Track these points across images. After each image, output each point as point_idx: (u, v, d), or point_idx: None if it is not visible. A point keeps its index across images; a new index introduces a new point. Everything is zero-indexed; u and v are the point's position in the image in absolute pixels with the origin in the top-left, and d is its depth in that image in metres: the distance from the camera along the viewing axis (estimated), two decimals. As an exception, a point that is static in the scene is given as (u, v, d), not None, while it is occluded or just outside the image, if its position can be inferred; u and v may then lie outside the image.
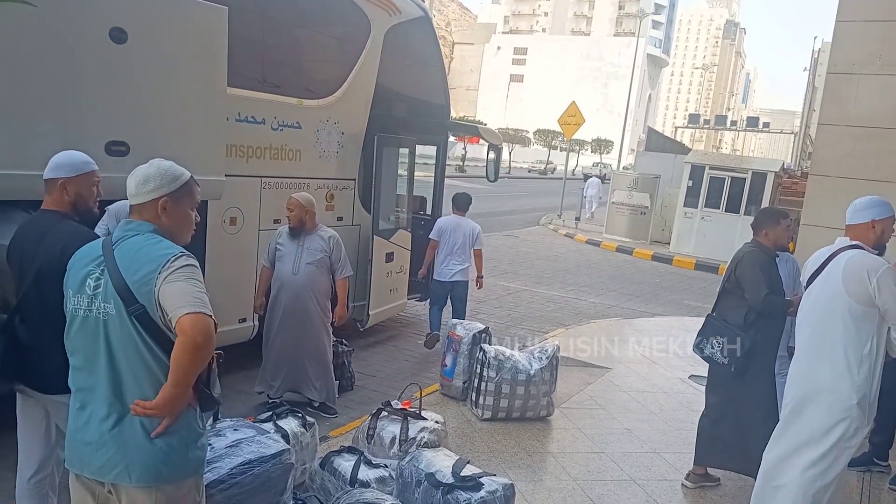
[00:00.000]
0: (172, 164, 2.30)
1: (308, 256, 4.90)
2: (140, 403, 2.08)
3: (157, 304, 2.07)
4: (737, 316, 4.16)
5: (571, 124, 19.89)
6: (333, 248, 4.99)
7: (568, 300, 10.59)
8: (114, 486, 2.16)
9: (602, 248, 17.23)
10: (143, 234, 2.19)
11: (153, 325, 2.09)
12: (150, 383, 2.11)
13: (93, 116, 4.07)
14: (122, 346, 2.11)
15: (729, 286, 4.26)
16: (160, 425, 2.11)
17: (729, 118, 45.48)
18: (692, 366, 6.97)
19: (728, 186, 15.84)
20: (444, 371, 5.68)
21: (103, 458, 2.13)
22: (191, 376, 2.09)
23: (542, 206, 25.51)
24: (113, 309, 2.10)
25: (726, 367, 4.15)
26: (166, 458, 2.13)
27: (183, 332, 2.00)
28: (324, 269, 4.97)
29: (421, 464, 3.32)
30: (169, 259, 2.10)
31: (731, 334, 4.14)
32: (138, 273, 2.10)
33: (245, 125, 5.42)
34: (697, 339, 4.34)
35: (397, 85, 7.20)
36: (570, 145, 25.37)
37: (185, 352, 2.01)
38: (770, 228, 4.25)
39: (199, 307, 2.03)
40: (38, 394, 2.77)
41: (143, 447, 2.11)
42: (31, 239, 2.73)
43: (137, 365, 2.11)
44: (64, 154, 2.87)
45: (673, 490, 4.40)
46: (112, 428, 2.12)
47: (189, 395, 2.14)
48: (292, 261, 4.89)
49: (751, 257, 4.17)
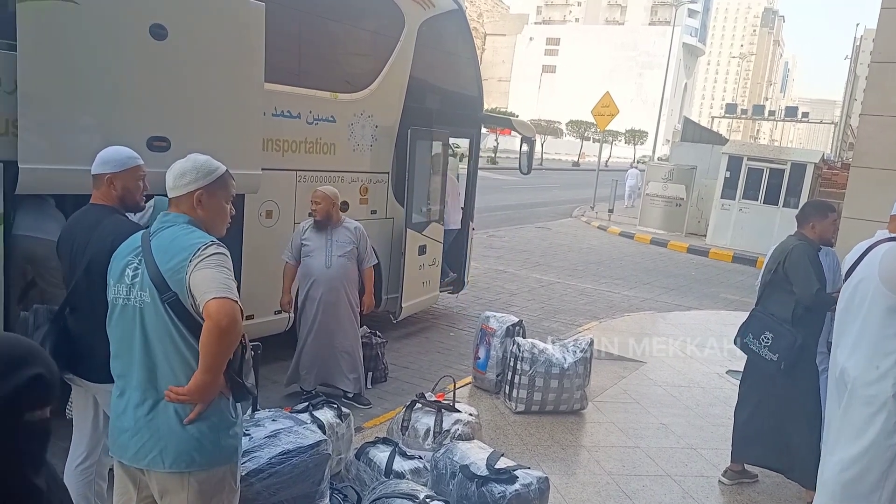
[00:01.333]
0: (208, 158, 2.35)
1: (338, 249, 4.94)
2: (173, 389, 2.13)
3: (188, 291, 2.12)
4: (784, 311, 4.07)
5: (605, 115, 19.68)
6: (360, 239, 5.04)
7: (601, 293, 10.51)
8: (148, 471, 2.21)
9: (636, 240, 17.05)
10: (179, 225, 2.25)
11: (185, 313, 2.14)
12: (183, 370, 2.16)
13: (135, 112, 4.16)
14: (156, 333, 2.17)
15: (776, 280, 4.15)
16: (192, 412, 2.15)
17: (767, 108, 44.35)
18: (730, 361, 6.88)
19: (766, 178, 15.54)
20: (477, 364, 5.70)
21: (138, 444, 2.18)
22: (219, 362, 2.12)
23: (575, 198, 25.33)
24: (148, 297, 2.16)
25: (774, 363, 4.04)
26: (198, 444, 2.17)
27: (209, 316, 2.05)
28: (353, 260, 5.02)
29: (455, 456, 3.34)
30: (199, 247, 2.15)
31: (780, 330, 4.04)
32: (171, 262, 2.15)
33: (281, 119, 5.48)
34: (741, 334, 4.25)
35: (430, 78, 7.20)
36: (603, 136, 25.11)
37: (210, 336, 2.06)
38: (817, 221, 4.15)
39: (224, 292, 2.07)
40: (86, 383, 2.86)
41: (176, 433, 2.16)
42: (81, 232, 2.81)
43: (171, 352, 2.17)
44: (110, 149, 2.95)
45: (710, 486, 4.36)
46: (147, 414, 2.18)
47: (221, 383, 2.18)
48: (323, 254, 4.93)
49: (800, 251, 4.06)
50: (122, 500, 2.33)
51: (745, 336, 4.23)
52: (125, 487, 2.32)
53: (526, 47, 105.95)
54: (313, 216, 4.96)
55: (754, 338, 4.17)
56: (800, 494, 4.24)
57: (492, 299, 9.27)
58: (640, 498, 4.11)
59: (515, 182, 29.67)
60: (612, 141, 61.69)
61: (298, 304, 5.08)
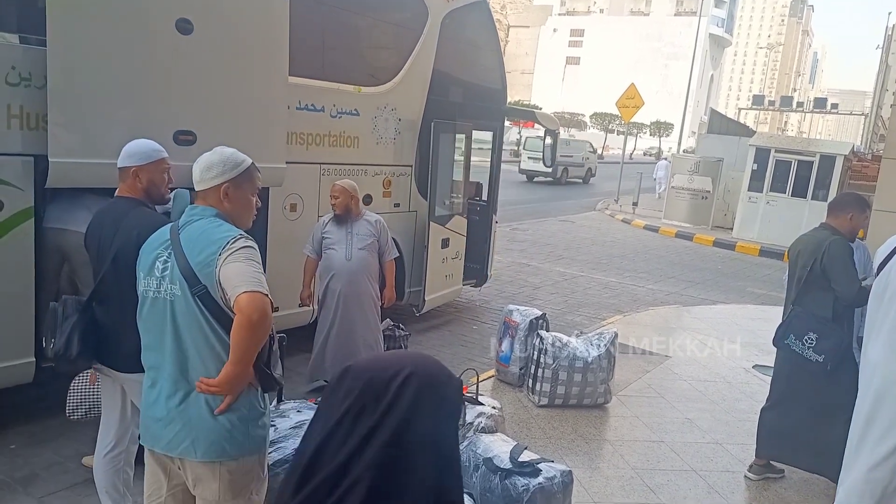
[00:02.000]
0: (234, 151, 2.37)
1: (359, 242, 4.93)
2: (204, 381, 2.16)
3: (217, 284, 2.14)
4: (824, 309, 3.95)
5: (630, 107, 19.47)
6: (381, 232, 5.04)
7: (625, 286, 10.43)
8: (181, 461, 2.25)
9: (660, 233, 16.89)
10: (207, 219, 2.27)
11: (215, 305, 2.17)
12: (214, 362, 2.19)
13: (161, 106, 4.21)
14: (187, 325, 2.19)
15: (812, 277, 3.99)
16: (223, 403, 2.19)
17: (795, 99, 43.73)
18: (756, 355, 6.79)
19: (795, 170, 15.28)
20: (500, 357, 5.69)
21: (171, 434, 2.22)
22: (250, 354, 2.15)
23: (599, 192, 25.15)
24: (179, 290, 2.19)
25: (820, 365, 3.91)
26: (229, 434, 2.21)
27: (240, 309, 2.07)
28: (374, 253, 5.02)
29: (479, 448, 3.34)
30: (228, 241, 2.17)
31: (824, 330, 3.91)
32: (201, 255, 2.17)
33: (305, 113, 5.50)
34: (782, 335, 4.11)
35: (454, 71, 7.18)
36: (627, 128, 24.88)
37: (241, 329, 2.08)
38: (857, 214, 4.06)
39: (255, 286, 2.10)
40: (114, 372, 2.90)
41: (207, 423, 2.19)
42: (108, 225, 2.85)
43: (201, 344, 2.19)
44: (135, 143, 2.99)
45: (736, 482, 4.32)
46: (179, 404, 2.21)
47: (250, 375, 2.21)
48: (344, 248, 4.93)
49: (838, 247, 3.92)
50: (153, 488, 2.37)
51: (787, 337, 4.08)
52: (156, 476, 2.36)
53: (550, 39, 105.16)
54: (333, 210, 4.98)
55: (796, 339, 4.01)
56: (828, 491, 4.18)
57: (515, 293, 9.25)
58: (664, 492, 4.08)
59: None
60: (637, 133, 61.15)
61: (319, 297, 5.10)
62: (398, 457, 1.04)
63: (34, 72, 3.71)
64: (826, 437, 3.89)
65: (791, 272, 4.25)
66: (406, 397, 1.06)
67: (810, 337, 3.96)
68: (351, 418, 1.06)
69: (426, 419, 1.07)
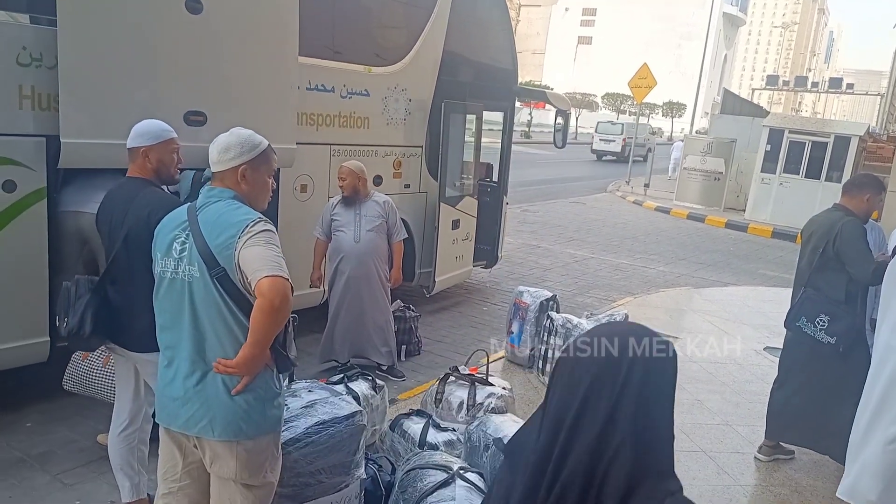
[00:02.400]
0: (252, 132, 2.37)
1: (367, 224, 4.94)
2: (221, 362, 2.18)
3: (237, 266, 2.15)
4: (836, 291, 3.92)
5: (642, 87, 19.25)
6: (389, 213, 5.04)
7: (636, 268, 10.40)
8: (198, 439, 2.28)
9: (672, 215, 16.79)
10: (225, 201, 2.27)
11: (233, 288, 2.18)
12: (231, 343, 2.21)
13: (171, 87, 4.20)
14: (204, 307, 2.21)
15: (825, 259, 3.96)
16: (240, 383, 2.21)
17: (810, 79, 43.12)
18: (767, 337, 6.77)
19: (808, 151, 15.11)
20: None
21: (188, 413, 2.24)
22: (269, 337, 2.17)
23: (610, 173, 25.00)
24: (197, 272, 2.20)
25: (832, 347, 3.89)
26: (246, 414, 2.23)
27: (261, 294, 2.08)
28: (382, 235, 5.03)
29: (489, 429, 3.35)
30: (248, 224, 2.18)
31: (836, 312, 3.89)
32: (220, 237, 2.18)
33: (315, 93, 5.48)
34: (793, 317, 4.08)
35: (464, 51, 7.12)
36: (640, 109, 24.65)
37: (263, 313, 2.09)
38: (874, 195, 4.01)
39: (277, 270, 2.11)
40: (127, 352, 2.93)
41: (224, 403, 2.22)
42: (119, 205, 2.86)
43: (219, 325, 2.21)
44: (144, 123, 2.99)
45: (746, 463, 4.32)
46: (196, 384, 2.23)
47: (267, 356, 2.23)
48: (353, 230, 4.93)
49: (852, 229, 3.88)
50: (169, 465, 2.41)
51: (798, 319, 4.04)
52: (171, 454, 2.39)
53: (561, 18, 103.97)
54: (341, 192, 4.98)
55: (808, 321, 3.98)
56: (838, 473, 4.17)
57: (525, 274, 9.24)
58: (674, 473, 4.08)
59: (550, 156, 29.38)
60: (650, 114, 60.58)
61: (329, 279, 5.12)
62: (645, 415, 1.20)
63: (45, 52, 3.71)
64: (836, 418, 3.87)
65: (802, 253, 4.21)
66: (638, 366, 1.23)
67: (822, 319, 3.93)
68: (595, 395, 1.22)
69: (655, 379, 1.25)
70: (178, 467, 2.38)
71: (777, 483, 4.13)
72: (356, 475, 2.96)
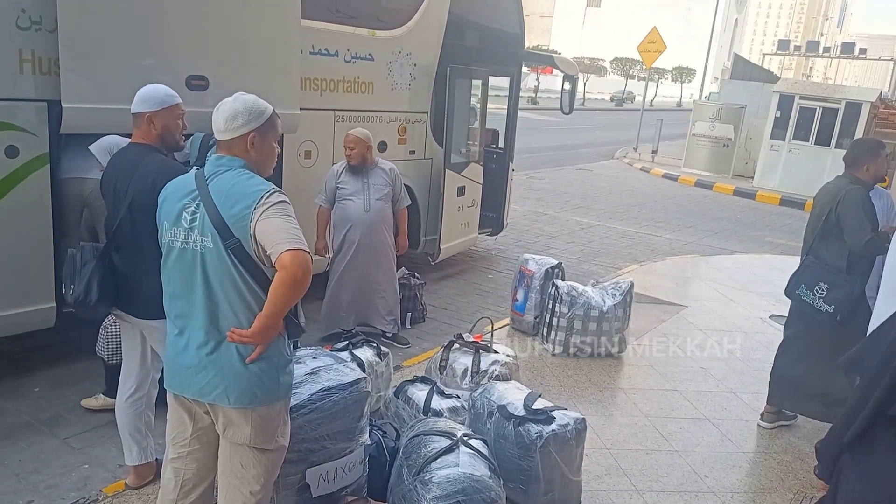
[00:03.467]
0: (256, 98, 2.33)
1: (376, 192, 4.92)
2: (236, 331, 2.19)
3: (252, 238, 2.14)
4: (838, 259, 3.90)
5: (652, 51, 19.02)
6: (395, 180, 5.03)
7: (642, 236, 10.36)
8: (212, 406, 2.29)
9: (680, 182, 16.67)
10: (235, 170, 2.25)
11: (248, 258, 2.17)
12: (244, 312, 2.21)
13: (173, 50, 4.14)
14: (218, 277, 2.20)
15: (827, 226, 3.95)
16: (254, 352, 2.22)
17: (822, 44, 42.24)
18: (773, 305, 6.76)
19: (819, 117, 14.92)
20: (515, 306, 5.70)
21: (203, 381, 2.25)
22: (286, 308, 2.18)
23: (618, 140, 24.78)
24: (210, 242, 2.18)
25: (830, 315, 3.87)
26: (260, 381, 2.25)
27: (283, 267, 2.07)
28: (389, 202, 5.03)
29: (493, 396, 3.37)
30: (263, 195, 2.16)
31: (835, 280, 3.87)
32: (234, 208, 2.16)
33: (319, 58, 5.41)
34: (793, 285, 4.08)
35: (470, 14, 6.99)
36: (649, 74, 24.33)
37: (285, 285, 2.09)
38: (871, 163, 3.95)
39: (297, 244, 2.10)
40: (133, 318, 2.94)
41: (239, 372, 2.23)
42: (123, 172, 2.84)
43: (232, 295, 2.20)
44: (149, 88, 2.95)
45: (749, 430, 4.34)
46: (210, 353, 2.24)
47: (280, 325, 2.23)
48: (362, 198, 4.90)
49: (854, 196, 3.84)
50: (178, 430, 2.42)
51: (798, 287, 4.05)
52: (181, 419, 2.41)
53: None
54: (348, 161, 4.92)
55: (807, 289, 3.98)
56: (841, 440, 4.19)
57: (531, 241, 9.22)
58: (676, 440, 4.11)
59: (557, 123, 29.13)
60: (659, 79, 59.84)
61: (334, 247, 5.10)
62: None
63: (45, 15, 3.65)
64: (834, 387, 3.88)
65: (809, 221, 4.19)
66: None
67: (821, 287, 3.93)
68: None
69: None
70: (187, 433, 2.40)
71: (779, 450, 4.15)
72: (360, 441, 2.98)
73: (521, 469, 3.13)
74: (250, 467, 2.34)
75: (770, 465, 3.98)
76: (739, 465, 3.95)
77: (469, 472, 2.74)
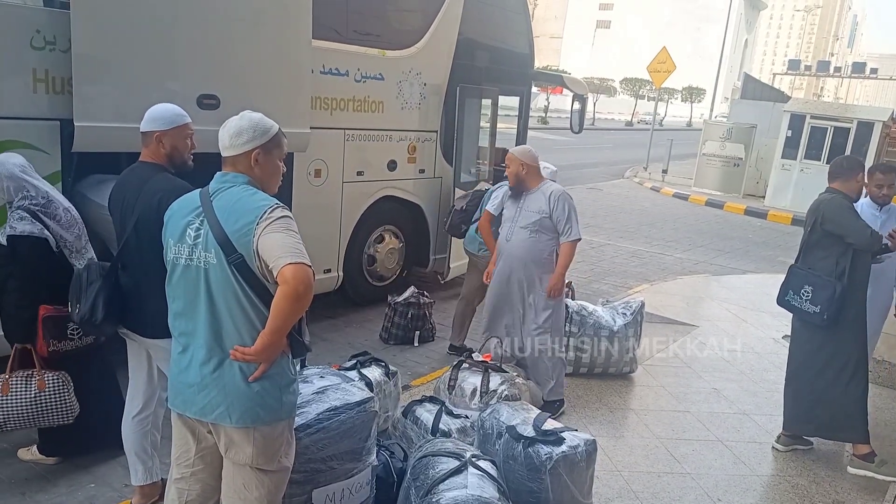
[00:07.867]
0: (262, 115, 2.33)
1: (524, 219, 4.38)
2: (239, 349, 2.17)
3: (255, 253, 2.13)
4: (825, 265, 3.98)
5: (661, 71, 19.03)
6: (555, 206, 4.42)
7: (653, 255, 10.30)
8: (214, 425, 2.27)
9: (690, 201, 16.61)
10: (240, 186, 2.25)
11: (251, 274, 2.16)
12: (248, 330, 2.19)
13: (185, 70, 4.18)
14: (221, 293, 2.19)
15: (813, 237, 4.05)
16: (257, 370, 2.20)
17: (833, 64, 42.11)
18: (786, 325, 6.62)
19: (830, 137, 14.87)
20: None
21: (205, 400, 2.23)
22: (289, 324, 2.16)
23: (628, 159, 24.77)
24: (214, 258, 2.17)
25: (817, 315, 3.97)
26: (262, 401, 2.22)
27: (285, 281, 2.05)
28: (543, 233, 4.44)
29: (502, 416, 3.33)
30: (266, 210, 2.15)
31: (818, 281, 3.97)
32: (237, 224, 2.15)
33: (329, 77, 5.44)
34: (783, 292, 4.19)
35: (480, 34, 7.03)
36: (658, 94, 24.37)
37: (286, 300, 2.07)
38: (842, 182, 4.06)
39: (299, 258, 2.09)
40: (139, 337, 2.92)
41: (241, 390, 2.21)
42: (130, 190, 2.84)
43: (236, 312, 2.19)
44: (158, 107, 2.95)
45: (763, 452, 4.27)
46: (213, 371, 2.22)
47: (283, 343, 2.21)
48: (508, 226, 4.48)
49: (835, 203, 3.97)
50: (182, 450, 2.40)
51: (787, 294, 4.17)
52: (185, 439, 2.39)
53: (579, 1, 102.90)
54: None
55: (795, 294, 4.11)
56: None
57: (540, 260, 9.16)
58: (689, 462, 4.05)
59: (566, 142, 29.18)
60: (668, 99, 59.92)
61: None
62: None
63: (59, 35, 3.70)
64: (831, 392, 4.00)
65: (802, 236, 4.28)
66: None
67: (806, 290, 4.04)
68: None
69: None
70: (191, 452, 2.38)
71: (794, 473, 4.07)
72: (368, 462, 2.94)
73: (531, 491, 3.08)
74: (253, 488, 2.31)
75: (785, 489, 3.90)
76: (753, 488, 3.88)
77: (478, 493, 2.70)
